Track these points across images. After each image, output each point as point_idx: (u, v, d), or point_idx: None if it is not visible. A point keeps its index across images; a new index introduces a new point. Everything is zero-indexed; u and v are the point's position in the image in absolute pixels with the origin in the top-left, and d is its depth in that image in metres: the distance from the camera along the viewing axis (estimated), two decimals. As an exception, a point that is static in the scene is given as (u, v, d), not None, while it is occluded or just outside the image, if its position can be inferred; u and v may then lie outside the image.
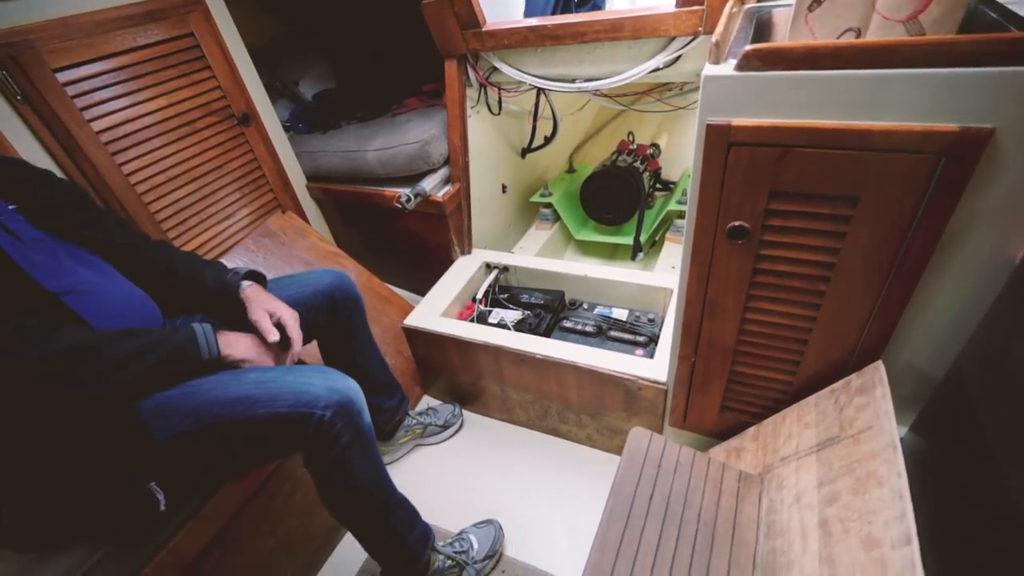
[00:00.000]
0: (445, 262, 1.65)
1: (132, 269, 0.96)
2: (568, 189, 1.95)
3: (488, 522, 1.22)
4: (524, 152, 1.89)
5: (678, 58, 1.23)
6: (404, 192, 1.49)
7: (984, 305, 0.74)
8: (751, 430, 1.04)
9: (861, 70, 0.64)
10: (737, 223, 0.82)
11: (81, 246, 0.91)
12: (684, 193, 1.73)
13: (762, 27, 0.95)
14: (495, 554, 1.18)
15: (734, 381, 1.03)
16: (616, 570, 0.80)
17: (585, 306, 1.48)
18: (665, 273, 1.51)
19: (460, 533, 1.19)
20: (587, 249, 2.00)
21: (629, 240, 1.79)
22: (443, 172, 1.60)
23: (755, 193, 0.78)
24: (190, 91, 1.37)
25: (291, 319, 0.99)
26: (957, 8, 0.65)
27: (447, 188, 1.59)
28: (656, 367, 1.18)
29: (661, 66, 1.25)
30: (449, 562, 1.12)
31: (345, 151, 1.64)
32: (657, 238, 1.82)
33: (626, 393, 1.21)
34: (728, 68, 0.72)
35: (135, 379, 0.79)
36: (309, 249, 1.63)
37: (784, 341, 0.92)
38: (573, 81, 1.39)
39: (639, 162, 1.75)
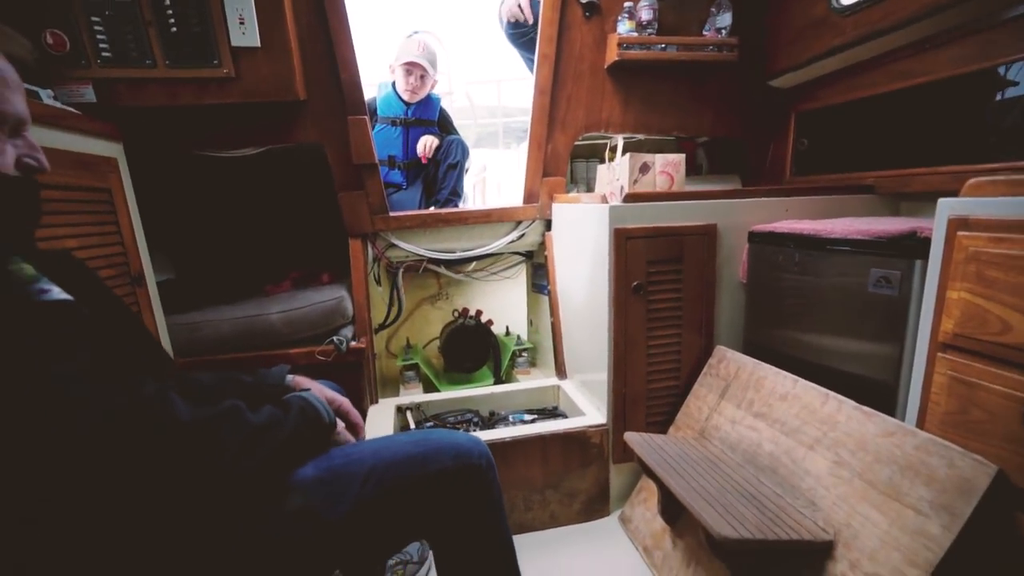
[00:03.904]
0: (356, 415, 1.66)
1: None
2: (421, 355, 2.26)
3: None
4: (379, 328, 2.16)
5: (524, 234, 1.97)
6: (336, 337, 1.56)
7: (741, 305, 1.57)
8: (671, 428, 1.54)
9: (669, 201, 1.48)
10: (636, 282, 1.48)
11: None
12: (518, 337, 2.32)
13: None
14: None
15: (650, 398, 1.55)
16: (696, 486, 1.11)
17: (503, 413, 1.76)
18: (544, 379, 1.97)
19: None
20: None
21: (488, 382, 2.19)
22: (350, 329, 1.74)
23: (640, 263, 1.47)
24: (99, 239, 1.25)
25: (350, 405, 0.99)
26: (682, 180, 1.60)
27: (355, 342, 1.72)
28: (594, 417, 1.58)
29: (515, 239, 1.95)
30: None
31: (237, 317, 1.59)
32: (505, 377, 2.28)
33: (580, 447, 1.53)
34: (619, 202, 1.47)
35: (280, 449, 0.69)
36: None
37: (669, 355, 1.54)
38: (454, 252, 1.93)
39: (479, 321, 2.29)
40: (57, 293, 0.63)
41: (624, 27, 1.72)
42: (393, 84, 2.01)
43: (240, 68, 1.43)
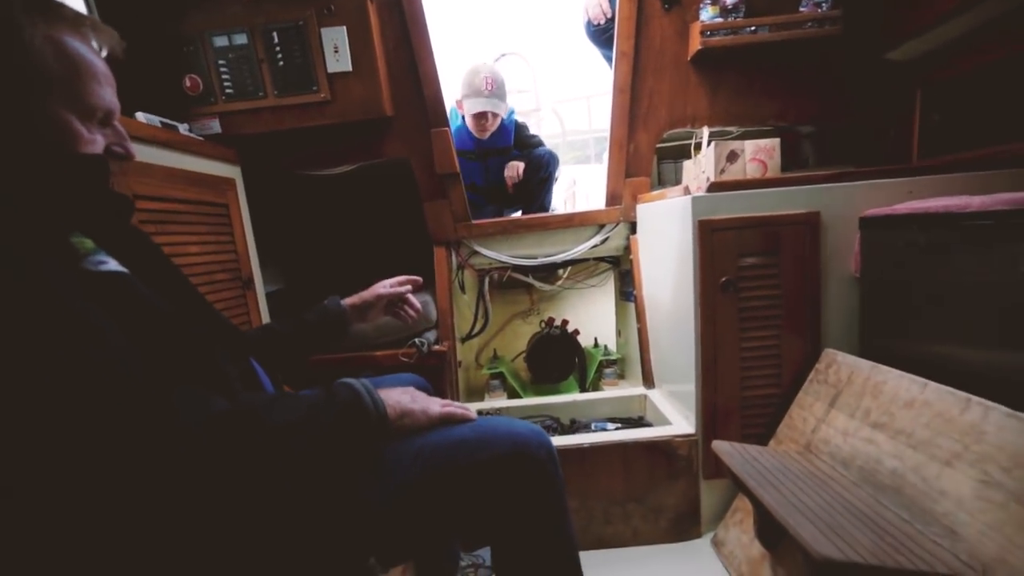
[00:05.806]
0: (437, 417, 1.69)
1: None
2: (508, 366, 2.27)
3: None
4: (466, 337, 2.21)
5: (607, 238, 1.91)
6: (419, 339, 1.63)
7: (854, 302, 1.36)
8: (771, 442, 1.36)
9: (761, 189, 1.35)
10: (725, 278, 1.35)
11: None
12: (606, 348, 2.24)
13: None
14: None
15: (745, 408, 1.39)
16: (797, 502, 0.96)
17: (584, 421, 1.69)
18: (632, 388, 1.87)
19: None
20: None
21: (572, 393, 2.12)
22: (433, 333, 1.80)
23: (730, 257, 1.34)
24: (216, 247, 1.43)
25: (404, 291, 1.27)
26: (777, 168, 1.45)
27: (437, 345, 1.77)
28: (682, 427, 1.45)
29: (599, 243, 1.90)
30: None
31: (334, 321, 1.72)
32: (591, 388, 2.20)
33: (666, 458, 1.41)
34: (703, 193, 1.36)
35: (303, 455, 0.63)
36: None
37: (767, 359, 1.38)
38: (536, 258, 1.92)
39: (564, 331, 2.24)
40: (114, 265, 0.64)
41: (707, 14, 1.63)
42: (463, 117, 2.08)
43: (335, 92, 1.58)
